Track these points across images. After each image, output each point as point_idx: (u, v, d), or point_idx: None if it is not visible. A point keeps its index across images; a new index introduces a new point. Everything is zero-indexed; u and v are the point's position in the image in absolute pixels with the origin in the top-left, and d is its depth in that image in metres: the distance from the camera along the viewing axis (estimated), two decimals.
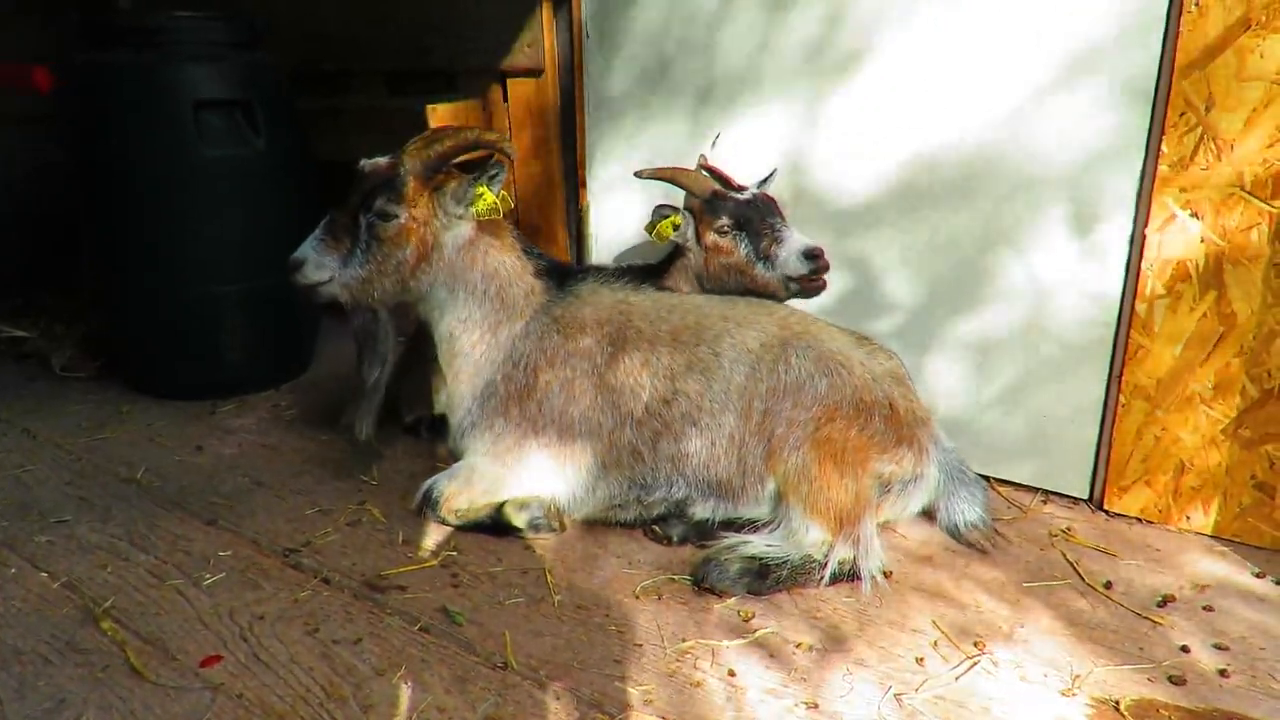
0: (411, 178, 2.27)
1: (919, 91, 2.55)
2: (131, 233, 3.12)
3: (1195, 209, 2.21)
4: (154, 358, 3.31)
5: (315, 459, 2.83)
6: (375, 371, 2.59)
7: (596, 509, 2.38)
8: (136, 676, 1.81)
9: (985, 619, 2.03)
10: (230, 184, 3.12)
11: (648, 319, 2.39)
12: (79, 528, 2.39)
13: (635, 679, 1.82)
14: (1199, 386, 2.29)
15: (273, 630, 1.97)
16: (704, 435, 2.25)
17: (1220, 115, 2.14)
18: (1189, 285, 2.25)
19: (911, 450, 2.26)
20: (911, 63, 2.55)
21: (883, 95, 2.61)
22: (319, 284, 2.32)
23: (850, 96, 2.67)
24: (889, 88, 2.59)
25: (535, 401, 2.35)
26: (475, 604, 2.08)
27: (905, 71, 2.56)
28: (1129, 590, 2.15)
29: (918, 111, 2.56)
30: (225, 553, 2.28)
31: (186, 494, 2.59)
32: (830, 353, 2.24)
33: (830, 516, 2.13)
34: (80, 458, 2.82)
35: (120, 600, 2.07)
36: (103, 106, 3.00)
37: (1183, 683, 1.82)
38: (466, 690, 1.78)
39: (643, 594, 2.12)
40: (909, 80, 2.56)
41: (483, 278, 2.38)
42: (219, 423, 3.12)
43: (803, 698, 1.77)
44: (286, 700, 1.75)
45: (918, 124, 2.57)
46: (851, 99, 2.67)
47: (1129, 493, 2.45)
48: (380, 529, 2.41)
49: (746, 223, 2.51)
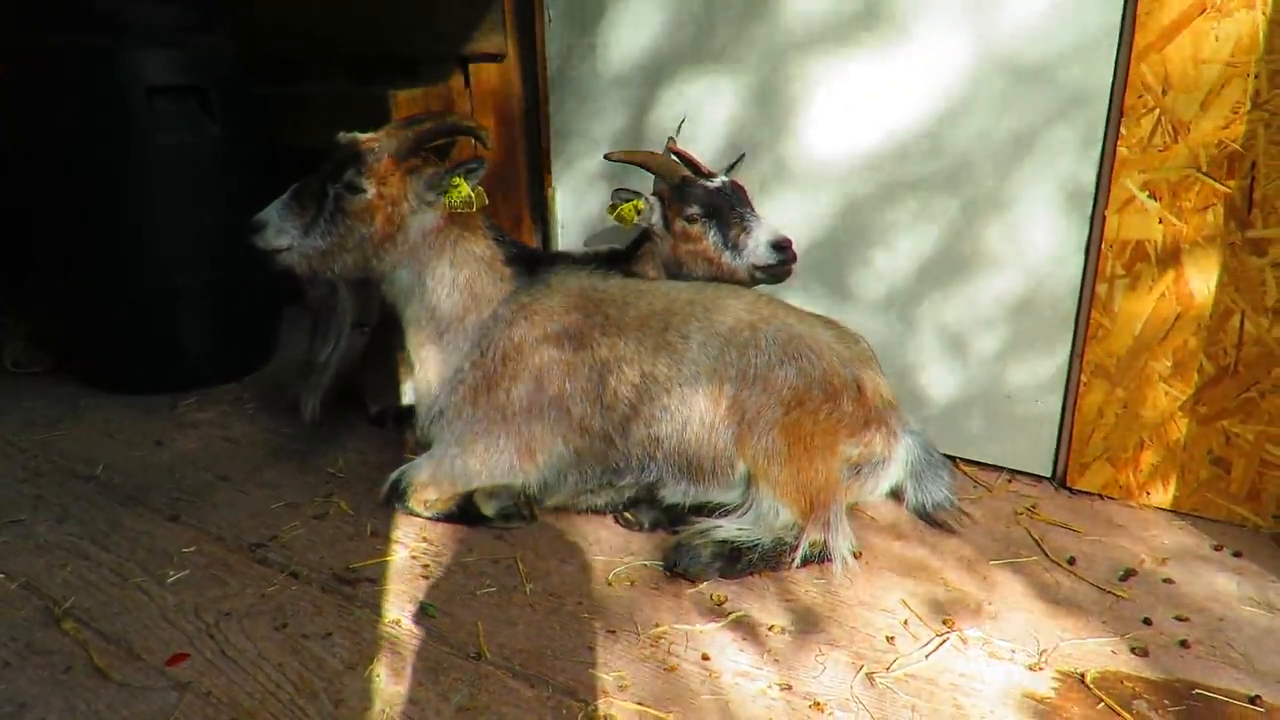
0: (386, 155, 2.23)
1: (893, 78, 2.56)
2: (84, 223, 3.04)
3: (1154, 190, 2.24)
4: (110, 352, 3.24)
5: (280, 452, 2.79)
6: (327, 348, 2.55)
7: (567, 496, 2.37)
8: (100, 677, 1.77)
9: (954, 597, 2.06)
10: (185, 172, 3.05)
11: (616, 305, 2.38)
12: (36, 526, 2.33)
13: (609, 665, 1.82)
14: (1158, 365, 2.33)
15: (240, 626, 1.93)
16: (674, 419, 2.24)
17: (1177, 97, 2.17)
18: (1148, 265, 2.29)
19: (880, 432, 2.27)
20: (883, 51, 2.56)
21: (854, 84, 2.62)
22: (277, 250, 2.27)
23: (821, 84, 2.67)
24: (858, 76, 2.60)
25: (504, 389, 2.33)
26: (447, 595, 2.06)
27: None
28: (1092, 565, 2.19)
29: (892, 96, 2.57)
30: (189, 549, 2.24)
31: (147, 490, 2.54)
32: (799, 336, 2.24)
33: (800, 499, 2.14)
34: (35, 455, 2.75)
35: (81, 599, 2.02)
36: (51, 91, 2.91)
37: (1146, 654, 1.86)
38: (439, 681, 1.77)
39: (615, 580, 2.12)
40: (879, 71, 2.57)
41: (451, 265, 2.35)
42: (180, 417, 3.06)
43: (776, 679, 1.79)
44: (255, 697, 1.72)
45: (892, 109, 2.58)
46: (823, 87, 2.67)
47: (1091, 470, 2.49)
48: (348, 521, 2.38)
49: (716, 211, 2.51)
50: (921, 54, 2.49)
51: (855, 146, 2.65)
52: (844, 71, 2.62)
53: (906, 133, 2.56)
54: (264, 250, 2.26)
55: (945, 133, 2.51)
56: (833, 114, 2.67)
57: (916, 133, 2.54)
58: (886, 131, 2.59)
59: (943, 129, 2.51)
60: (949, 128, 2.50)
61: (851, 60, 2.59)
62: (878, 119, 2.59)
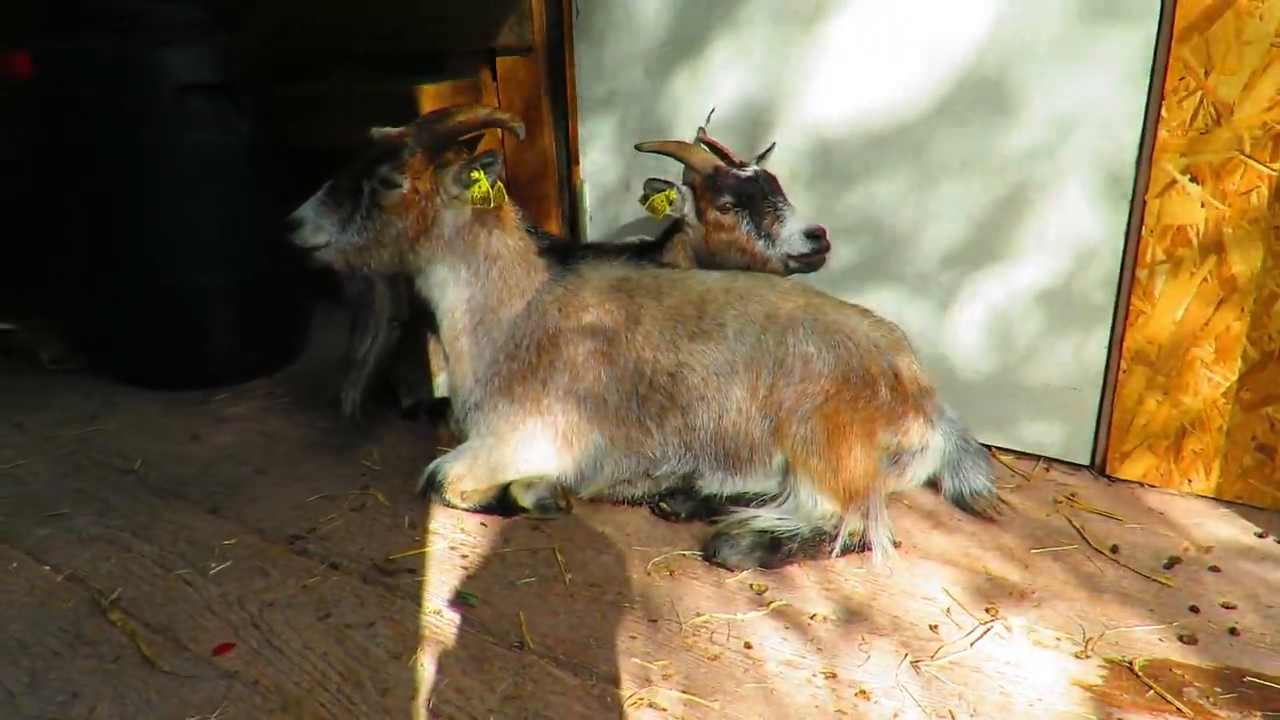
0: (419, 149, 2.23)
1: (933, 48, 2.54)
2: (115, 221, 3.06)
3: (1196, 173, 2.21)
4: (144, 349, 3.26)
5: (314, 445, 2.81)
6: (366, 343, 2.56)
7: (604, 486, 2.37)
8: (149, 666, 1.79)
9: (996, 585, 2.05)
10: (214, 170, 3.08)
11: (651, 294, 2.37)
12: (78, 520, 2.36)
13: (652, 654, 1.82)
14: (1200, 351, 2.30)
15: (284, 617, 1.95)
16: (711, 409, 2.24)
17: (1220, 79, 2.14)
18: (1189, 250, 2.26)
19: (918, 421, 2.26)
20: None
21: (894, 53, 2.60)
22: (315, 247, 2.27)
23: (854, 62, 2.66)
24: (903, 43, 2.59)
25: (539, 380, 2.33)
26: (486, 585, 2.07)
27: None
28: (1135, 553, 2.17)
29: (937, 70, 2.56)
30: (230, 541, 2.25)
31: (185, 484, 2.56)
32: (836, 324, 2.23)
33: (839, 488, 2.13)
34: (74, 450, 2.78)
35: (126, 591, 2.04)
36: (83, 92, 2.94)
37: (1194, 642, 1.84)
38: (484, 670, 1.78)
39: (654, 570, 2.12)
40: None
41: (485, 258, 2.35)
42: (213, 412, 3.08)
43: (820, 668, 1.78)
44: (303, 686, 1.74)
45: (927, 87, 2.56)
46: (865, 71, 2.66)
47: (1130, 458, 2.47)
48: (385, 513, 2.39)
49: (749, 200, 2.51)
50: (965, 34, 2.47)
51: (890, 127, 2.63)
52: (889, 57, 2.60)
53: (941, 113, 2.54)
54: (301, 247, 2.27)
55: (980, 118, 2.48)
56: (869, 99, 2.65)
57: (951, 114, 2.52)
58: (921, 112, 2.57)
59: (977, 113, 2.48)
60: (985, 110, 2.48)
61: (900, 47, 2.58)
62: (912, 97, 2.58)
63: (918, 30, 2.52)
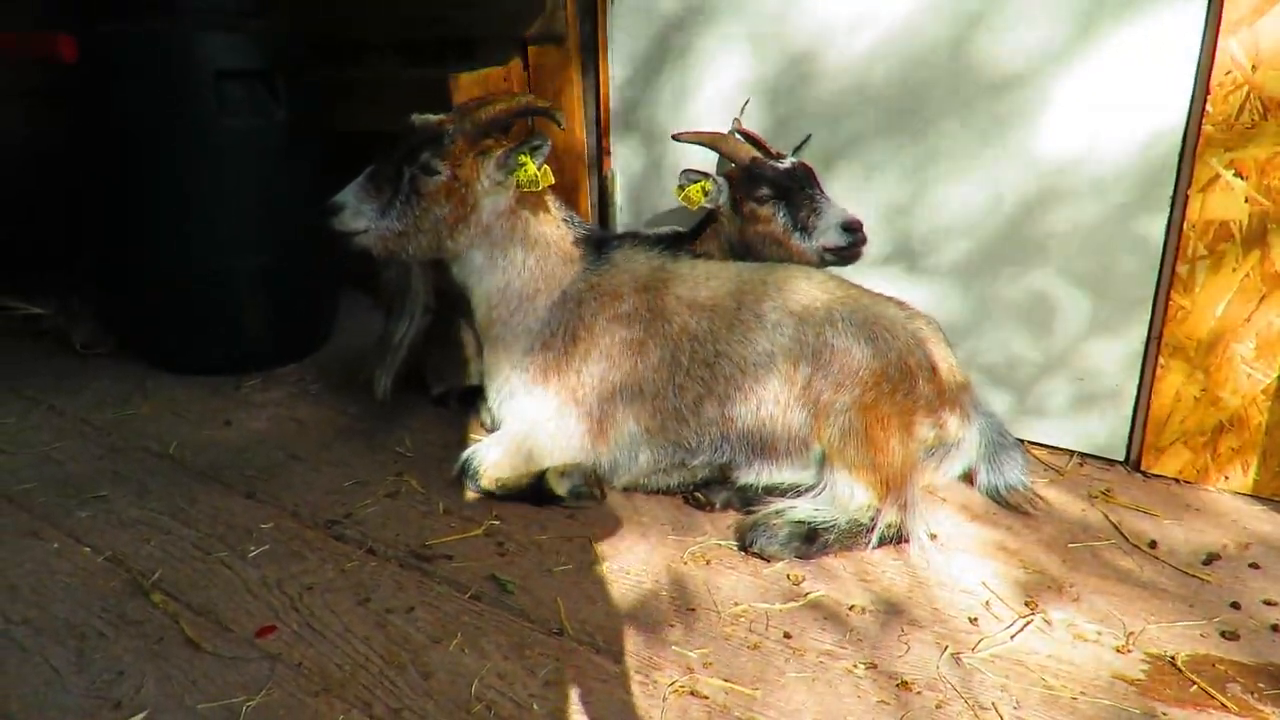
0: (460, 136, 2.24)
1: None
2: (150, 206, 3.08)
3: (1240, 168, 2.19)
4: (176, 333, 3.28)
5: (347, 431, 2.82)
6: (402, 327, 2.57)
7: (639, 475, 2.37)
8: (193, 647, 1.80)
9: (1034, 579, 2.04)
10: (250, 156, 3.08)
11: (687, 284, 2.37)
12: (117, 502, 2.37)
13: (691, 642, 1.83)
14: (1240, 347, 2.29)
15: (323, 600, 1.96)
16: (748, 399, 2.24)
17: (1267, 73, 2.12)
18: (1232, 245, 2.24)
19: (954, 414, 2.26)
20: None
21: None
22: (354, 232, 2.28)
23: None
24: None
25: (575, 369, 2.33)
26: (524, 572, 2.07)
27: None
28: (1173, 549, 2.16)
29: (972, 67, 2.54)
30: (267, 525, 2.27)
31: (221, 468, 2.57)
32: (874, 317, 2.23)
33: (876, 480, 2.13)
34: (110, 433, 2.80)
35: (167, 573, 2.06)
36: (121, 77, 2.94)
37: (1236, 638, 1.83)
38: (525, 656, 1.78)
39: (690, 560, 2.12)
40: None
41: (522, 246, 2.36)
42: (245, 397, 3.10)
43: (861, 658, 1.78)
44: (345, 669, 1.75)
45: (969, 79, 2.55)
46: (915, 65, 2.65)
47: (1166, 454, 2.45)
48: (420, 499, 2.40)
49: (786, 192, 2.50)
50: (1000, 21, 2.45)
51: (928, 120, 2.62)
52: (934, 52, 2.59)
53: (968, 106, 2.53)
54: (341, 232, 2.28)
55: (1017, 110, 2.47)
56: (905, 90, 2.64)
57: (981, 105, 2.51)
58: (962, 101, 2.55)
59: (1014, 104, 2.47)
60: (1023, 101, 2.46)
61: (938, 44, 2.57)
62: (954, 86, 2.56)
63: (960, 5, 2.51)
